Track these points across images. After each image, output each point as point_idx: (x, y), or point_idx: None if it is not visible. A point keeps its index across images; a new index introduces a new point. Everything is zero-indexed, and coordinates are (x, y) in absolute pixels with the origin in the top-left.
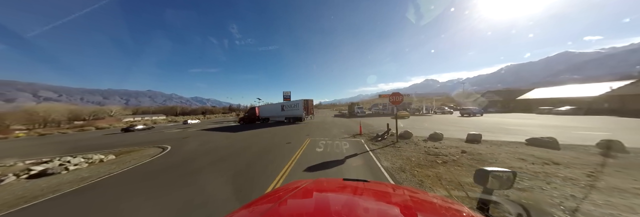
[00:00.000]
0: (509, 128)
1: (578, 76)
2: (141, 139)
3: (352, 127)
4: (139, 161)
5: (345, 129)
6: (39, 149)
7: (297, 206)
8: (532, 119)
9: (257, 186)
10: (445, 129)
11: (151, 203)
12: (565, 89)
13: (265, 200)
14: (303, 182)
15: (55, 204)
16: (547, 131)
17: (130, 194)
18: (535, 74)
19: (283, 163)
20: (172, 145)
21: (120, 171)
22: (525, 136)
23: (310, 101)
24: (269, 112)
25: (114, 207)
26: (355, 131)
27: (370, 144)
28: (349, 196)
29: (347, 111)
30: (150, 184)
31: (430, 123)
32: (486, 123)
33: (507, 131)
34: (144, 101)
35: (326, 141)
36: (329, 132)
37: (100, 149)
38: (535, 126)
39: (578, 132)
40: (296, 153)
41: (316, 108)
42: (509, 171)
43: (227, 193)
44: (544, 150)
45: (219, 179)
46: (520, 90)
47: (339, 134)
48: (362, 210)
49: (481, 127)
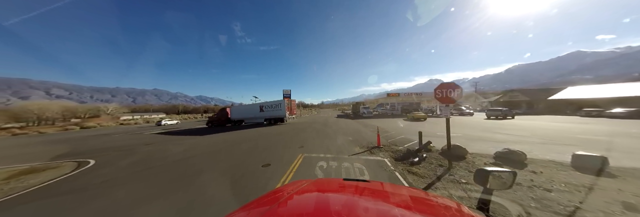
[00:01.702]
0: (590, 139)
1: (590, 76)
2: (84, 146)
3: (361, 133)
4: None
5: (353, 135)
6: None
7: (297, 206)
8: (588, 124)
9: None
10: (491, 139)
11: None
12: (609, 87)
13: (265, 200)
14: (303, 182)
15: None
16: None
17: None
18: (544, 74)
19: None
20: (99, 160)
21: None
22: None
23: (293, 101)
24: (244, 113)
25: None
26: (367, 138)
27: (403, 169)
28: (349, 196)
29: (351, 111)
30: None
31: (459, 128)
32: (540, 129)
33: (602, 145)
34: (150, 99)
35: (329, 160)
36: (331, 141)
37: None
38: (620, 135)
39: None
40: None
41: (319, 108)
42: (509, 171)
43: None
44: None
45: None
46: (550, 89)
47: (346, 145)
48: (362, 210)
49: (541, 135)
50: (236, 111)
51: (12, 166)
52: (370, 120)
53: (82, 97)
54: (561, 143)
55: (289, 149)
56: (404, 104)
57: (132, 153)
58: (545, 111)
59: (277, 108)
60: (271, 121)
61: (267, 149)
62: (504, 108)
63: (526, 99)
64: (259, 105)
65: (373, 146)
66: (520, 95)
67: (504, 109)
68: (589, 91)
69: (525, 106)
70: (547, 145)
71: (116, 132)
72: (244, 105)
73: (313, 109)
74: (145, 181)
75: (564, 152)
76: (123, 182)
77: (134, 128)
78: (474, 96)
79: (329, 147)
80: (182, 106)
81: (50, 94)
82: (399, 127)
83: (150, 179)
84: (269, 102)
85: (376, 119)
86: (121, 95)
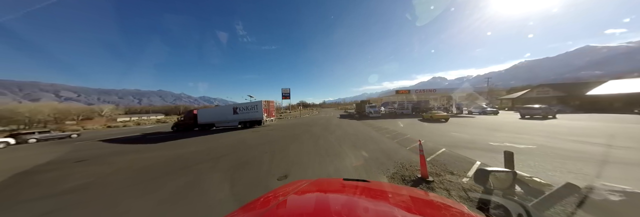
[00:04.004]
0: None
1: (600, 72)
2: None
3: (377, 142)
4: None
5: (366, 146)
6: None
7: (296, 206)
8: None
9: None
10: (577, 154)
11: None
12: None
13: (265, 200)
14: (303, 182)
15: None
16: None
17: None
18: (552, 70)
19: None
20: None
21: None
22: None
23: (271, 103)
24: (214, 116)
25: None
26: (390, 153)
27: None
28: (349, 196)
29: (355, 110)
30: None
31: (505, 133)
32: (628, 136)
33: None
34: (155, 100)
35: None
36: (337, 161)
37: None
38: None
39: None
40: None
41: (320, 107)
42: (509, 171)
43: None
44: None
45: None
46: (586, 83)
47: (362, 171)
48: (362, 210)
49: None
50: (205, 114)
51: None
52: (380, 121)
53: (90, 99)
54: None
55: (264, 182)
56: (414, 102)
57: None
58: (585, 108)
59: (253, 110)
60: (247, 123)
61: (235, 180)
62: (543, 105)
63: (559, 95)
64: (232, 107)
65: (412, 176)
66: (551, 90)
67: (544, 107)
68: (636, 85)
69: (556, 102)
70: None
71: (86, 138)
72: (215, 108)
73: (314, 109)
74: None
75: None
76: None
77: (115, 131)
78: (486, 93)
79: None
80: (183, 107)
81: (60, 96)
82: (425, 132)
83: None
84: (244, 103)
85: (386, 119)
86: (127, 96)
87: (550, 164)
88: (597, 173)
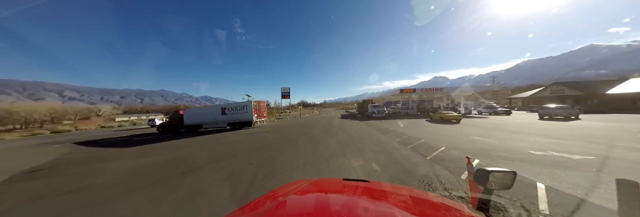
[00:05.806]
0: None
1: (605, 71)
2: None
3: (387, 149)
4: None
5: (376, 155)
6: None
7: (296, 206)
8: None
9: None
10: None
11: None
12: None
13: (265, 200)
14: (303, 182)
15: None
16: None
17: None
18: (555, 70)
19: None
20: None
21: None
22: None
23: (262, 103)
24: (201, 117)
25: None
26: (406, 165)
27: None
28: (349, 196)
29: (357, 110)
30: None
31: (536, 138)
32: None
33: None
34: (157, 100)
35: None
36: (343, 176)
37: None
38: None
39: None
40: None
41: (321, 107)
42: (509, 171)
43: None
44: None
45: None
46: (604, 82)
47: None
48: (362, 210)
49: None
50: (191, 115)
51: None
52: (384, 122)
53: (93, 99)
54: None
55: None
56: (418, 101)
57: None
58: (604, 108)
59: (243, 110)
60: (236, 125)
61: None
62: (564, 105)
63: (576, 94)
64: (221, 108)
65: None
66: (567, 89)
67: (566, 106)
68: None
69: (572, 101)
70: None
71: (63, 140)
72: (202, 108)
73: (315, 108)
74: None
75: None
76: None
77: (106, 132)
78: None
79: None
80: (183, 107)
81: (64, 96)
82: (441, 136)
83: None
84: (232, 103)
85: (391, 120)
86: (130, 96)
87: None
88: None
